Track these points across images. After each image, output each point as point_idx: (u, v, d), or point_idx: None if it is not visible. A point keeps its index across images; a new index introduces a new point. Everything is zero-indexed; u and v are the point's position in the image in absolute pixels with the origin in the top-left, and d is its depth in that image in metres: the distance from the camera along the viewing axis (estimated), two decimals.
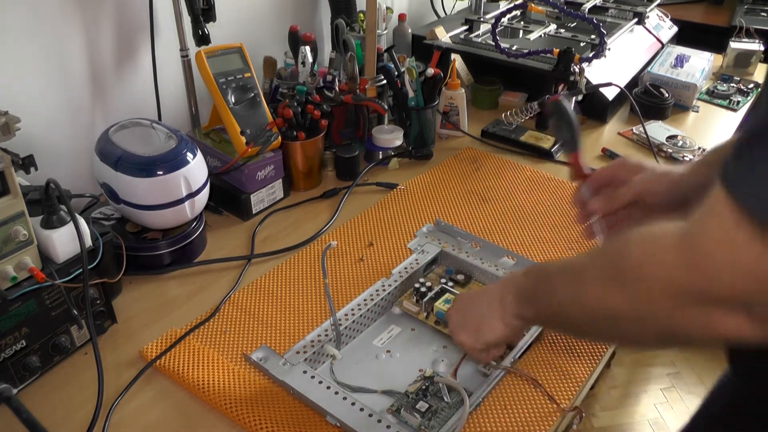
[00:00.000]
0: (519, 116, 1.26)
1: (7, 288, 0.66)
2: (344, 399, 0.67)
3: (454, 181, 1.14)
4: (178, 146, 0.86)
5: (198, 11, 0.98)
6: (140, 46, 1.06)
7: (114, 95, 1.05)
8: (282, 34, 1.27)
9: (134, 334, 0.80)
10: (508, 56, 1.36)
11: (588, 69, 1.28)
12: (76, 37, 0.96)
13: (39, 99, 0.94)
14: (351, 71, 1.17)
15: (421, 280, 0.85)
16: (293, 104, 1.06)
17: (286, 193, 1.09)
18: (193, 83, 1.08)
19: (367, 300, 0.81)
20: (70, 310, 0.73)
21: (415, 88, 1.18)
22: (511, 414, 0.68)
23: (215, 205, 1.04)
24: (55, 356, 0.74)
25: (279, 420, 0.67)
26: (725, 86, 1.52)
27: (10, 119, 0.63)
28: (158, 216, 0.86)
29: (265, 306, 0.84)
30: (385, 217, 1.03)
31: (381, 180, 1.13)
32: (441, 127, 1.30)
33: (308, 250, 0.95)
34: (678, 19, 1.80)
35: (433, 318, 0.80)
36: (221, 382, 0.71)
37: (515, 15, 1.62)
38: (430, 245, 0.93)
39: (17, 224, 0.65)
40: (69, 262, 0.72)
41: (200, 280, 0.90)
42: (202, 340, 0.78)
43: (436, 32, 1.47)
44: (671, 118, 1.38)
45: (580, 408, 0.71)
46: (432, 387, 0.70)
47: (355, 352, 0.77)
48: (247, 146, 0.99)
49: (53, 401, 0.71)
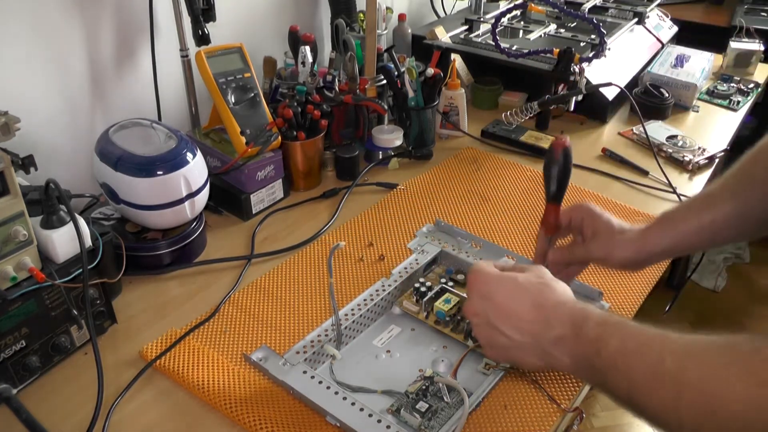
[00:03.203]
0: (519, 116, 1.25)
1: (7, 288, 0.66)
2: (344, 399, 0.67)
3: (454, 181, 1.14)
4: (178, 146, 0.86)
5: (198, 11, 0.98)
6: (140, 46, 1.06)
7: (114, 95, 1.05)
8: (282, 34, 1.27)
9: (134, 334, 0.80)
10: (508, 56, 1.36)
11: (588, 69, 1.28)
12: (76, 37, 0.96)
13: (39, 99, 0.94)
14: (351, 71, 1.17)
15: (421, 280, 0.85)
16: (293, 104, 1.06)
17: (286, 193, 1.09)
18: (193, 83, 1.08)
19: (367, 300, 0.81)
20: (70, 310, 0.73)
21: (415, 88, 1.18)
22: (511, 414, 0.68)
23: (215, 205, 1.03)
24: (55, 356, 0.74)
25: (279, 420, 0.67)
26: (725, 86, 1.52)
27: (10, 119, 0.63)
28: (158, 216, 0.86)
29: (265, 306, 0.84)
30: (385, 217, 1.03)
31: (381, 180, 1.13)
32: (441, 127, 1.30)
33: (308, 250, 0.95)
34: (678, 19, 1.80)
35: (433, 318, 0.80)
36: (221, 382, 0.71)
37: (515, 15, 1.62)
38: (430, 245, 0.93)
39: (17, 224, 0.65)
40: (69, 262, 0.72)
41: (200, 280, 0.90)
42: (202, 340, 0.78)
43: (436, 32, 1.47)
44: (671, 118, 1.38)
45: (581, 408, 0.71)
46: (432, 387, 0.70)
47: (355, 352, 0.77)
48: (247, 146, 0.99)
49: (53, 401, 0.70)
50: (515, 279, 0.62)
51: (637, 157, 1.22)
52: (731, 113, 1.44)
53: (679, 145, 1.25)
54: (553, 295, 0.60)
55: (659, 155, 1.22)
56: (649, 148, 1.23)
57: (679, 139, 1.26)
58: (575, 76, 1.25)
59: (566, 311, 0.58)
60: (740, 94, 1.50)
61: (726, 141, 1.30)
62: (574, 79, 1.26)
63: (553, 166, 0.73)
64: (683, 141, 1.26)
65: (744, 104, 1.46)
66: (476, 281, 0.64)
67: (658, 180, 1.15)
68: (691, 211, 0.73)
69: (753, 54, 1.63)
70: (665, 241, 0.72)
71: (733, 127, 1.37)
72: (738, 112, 1.44)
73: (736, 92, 1.50)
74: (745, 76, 1.61)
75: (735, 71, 1.62)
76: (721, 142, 1.29)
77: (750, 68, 1.63)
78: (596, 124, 1.37)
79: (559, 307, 0.59)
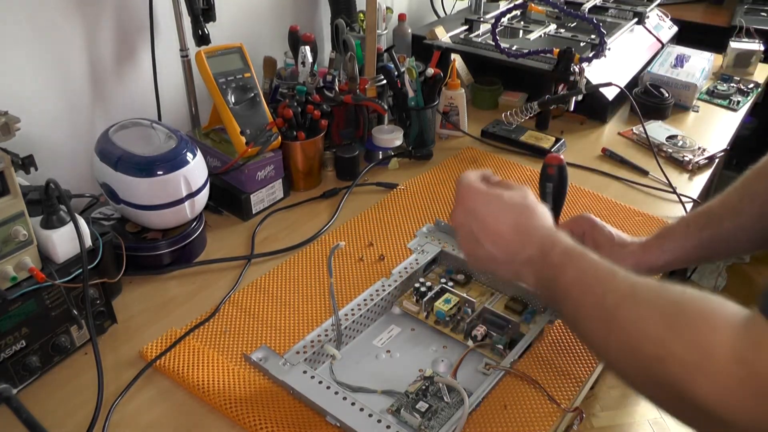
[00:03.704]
0: (519, 116, 1.25)
1: (7, 288, 0.66)
2: (344, 399, 0.67)
3: (454, 181, 1.14)
4: (178, 146, 0.86)
5: (198, 11, 0.98)
6: (140, 46, 1.06)
7: (114, 95, 1.05)
8: (282, 34, 1.27)
9: (134, 334, 0.80)
10: (508, 56, 1.36)
11: (588, 69, 1.28)
12: (76, 37, 0.96)
13: (39, 99, 0.94)
14: (351, 71, 1.17)
15: (421, 280, 0.85)
16: (293, 104, 1.06)
17: (286, 193, 1.09)
18: (193, 83, 1.08)
19: (367, 300, 0.81)
20: (70, 310, 0.73)
21: (415, 88, 1.18)
22: (511, 414, 0.68)
23: (215, 205, 1.03)
24: (55, 356, 0.74)
25: (279, 420, 0.67)
26: (725, 86, 1.52)
27: (10, 119, 0.63)
28: (158, 216, 0.86)
29: (265, 306, 0.84)
30: (385, 217, 1.03)
31: (381, 180, 1.13)
32: (441, 127, 1.30)
33: (308, 250, 0.95)
34: (678, 19, 1.80)
35: (433, 318, 0.80)
36: (221, 382, 0.71)
37: (515, 15, 1.62)
38: (430, 245, 0.93)
39: (17, 224, 0.65)
40: (69, 262, 0.72)
41: (200, 280, 0.90)
42: (202, 340, 0.78)
43: (436, 32, 1.47)
44: (671, 118, 1.38)
45: (581, 408, 0.71)
46: (432, 387, 0.70)
47: (355, 352, 0.77)
48: (247, 146, 0.99)
49: (53, 401, 0.70)
50: (500, 198, 0.64)
51: (637, 157, 1.22)
52: (731, 113, 1.44)
53: (679, 145, 1.25)
54: (533, 218, 0.63)
55: (659, 155, 1.22)
56: (649, 148, 1.23)
57: (679, 139, 1.26)
58: (575, 76, 1.25)
59: (539, 235, 0.61)
60: (740, 94, 1.50)
61: (726, 141, 1.30)
62: (574, 79, 1.26)
63: (548, 184, 0.73)
64: (683, 141, 1.26)
65: (744, 104, 1.46)
66: (464, 195, 0.66)
67: (658, 180, 1.15)
68: (691, 227, 0.75)
69: (753, 54, 1.63)
70: (666, 256, 0.74)
71: (733, 127, 1.37)
72: (738, 112, 1.44)
73: (736, 92, 1.50)
74: (745, 76, 1.61)
75: (735, 71, 1.62)
76: (721, 142, 1.29)
77: (750, 68, 1.63)
78: (596, 124, 1.37)
79: (534, 231, 0.62)
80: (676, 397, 0.45)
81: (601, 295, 0.53)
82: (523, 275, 0.62)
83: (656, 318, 0.47)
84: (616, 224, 0.99)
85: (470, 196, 0.65)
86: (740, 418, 0.41)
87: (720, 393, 0.42)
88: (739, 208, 0.71)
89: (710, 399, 0.42)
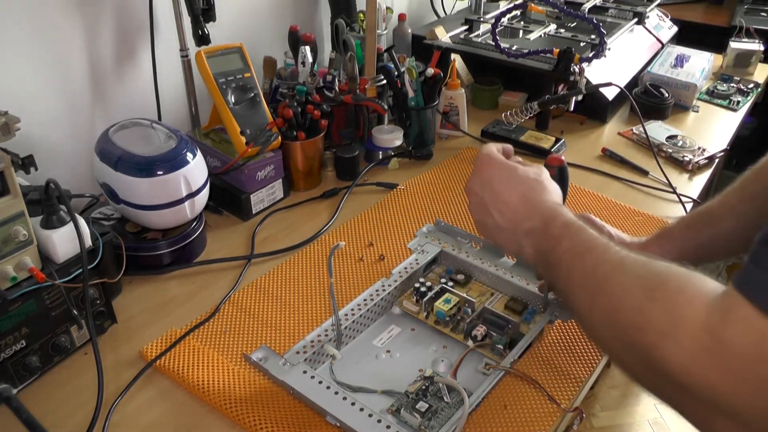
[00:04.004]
0: (519, 116, 1.25)
1: (7, 288, 0.66)
2: (344, 399, 0.67)
3: (454, 181, 1.14)
4: (178, 146, 0.86)
5: (198, 11, 0.98)
6: (140, 47, 1.06)
7: (114, 95, 1.05)
8: (282, 34, 1.27)
9: (134, 334, 0.80)
10: (508, 56, 1.36)
11: (588, 69, 1.28)
12: (76, 37, 0.96)
13: (39, 99, 0.94)
14: (351, 71, 1.17)
15: (421, 280, 0.85)
16: (293, 104, 1.06)
17: (286, 193, 1.09)
18: (193, 83, 1.08)
19: (367, 300, 0.81)
20: (70, 310, 0.73)
21: (415, 88, 1.18)
22: (511, 414, 0.68)
23: (215, 205, 1.03)
24: (55, 356, 0.74)
25: (279, 420, 0.67)
26: (725, 86, 1.52)
27: (10, 119, 0.63)
28: (158, 216, 0.86)
29: (265, 306, 0.84)
30: (385, 217, 1.03)
31: (381, 180, 1.13)
32: (441, 127, 1.30)
33: (308, 250, 0.95)
34: (678, 19, 1.80)
35: (433, 318, 0.80)
36: (221, 382, 0.71)
37: (515, 15, 1.62)
38: (430, 245, 0.93)
39: (17, 224, 0.65)
40: (69, 262, 0.72)
41: (200, 280, 0.90)
42: (202, 340, 0.78)
43: (436, 32, 1.47)
44: (671, 118, 1.38)
45: (581, 408, 0.71)
46: (432, 387, 0.70)
47: (355, 352, 0.77)
48: (247, 146, 0.99)
49: (53, 401, 0.70)
50: (515, 170, 0.67)
51: (636, 157, 1.22)
52: (731, 113, 1.44)
53: (679, 145, 1.25)
54: (542, 193, 0.65)
55: (659, 155, 1.22)
56: (649, 148, 1.23)
57: (679, 139, 1.26)
58: (575, 76, 1.25)
59: (543, 208, 0.63)
60: (740, 94, 1.50)
61: (726, 141, 1.30)
62: (574, 79, 1.26)
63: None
64: (683, 141, 1.26)
65: (744, 104, 1.46)
66: (483, 165, 0.68)
67: (657, 180, 1.16)
68: (690, 228, 0.75)
69: (753, 54, 1.63)
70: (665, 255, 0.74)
71: (733, 127, 1.37)
72: (738, 112, 1.44)
73: (735, 92, 1.50)
74: (745, 76, 1.61)
75: (735, 71, 1.62)
76: (720, 142, 1.30)
77: (750, 68, 1.63)
78: (596, 124, 1.37)
79: (540, 204, 0.64)
80: (647, 365, 0.46)
81: (591, 265, 0.54)
82: (524, 246, 0.64)
83: (639, 289, 0.48)
84: (616, 224, 0.99)
85: (488, 166, 0.68)
86: (703, 386, 0.42)
87: (685, 359, 0.43)
88: (739, 208, 0.71)
89: (676, 365, 0.43)
